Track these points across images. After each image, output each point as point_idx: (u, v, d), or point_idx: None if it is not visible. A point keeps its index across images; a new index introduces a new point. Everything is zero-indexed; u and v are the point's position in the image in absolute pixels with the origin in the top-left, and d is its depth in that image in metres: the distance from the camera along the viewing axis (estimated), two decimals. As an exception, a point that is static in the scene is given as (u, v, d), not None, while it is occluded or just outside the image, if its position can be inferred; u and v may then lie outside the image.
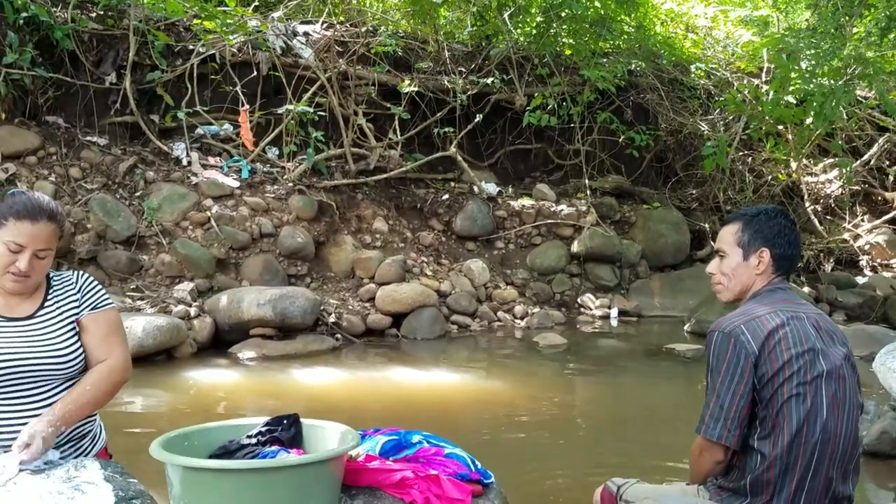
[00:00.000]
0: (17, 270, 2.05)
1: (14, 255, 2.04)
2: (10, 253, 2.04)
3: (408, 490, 1.99)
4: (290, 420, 2.13)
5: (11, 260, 2.04)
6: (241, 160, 8.48)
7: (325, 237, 8.32)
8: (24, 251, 2.04)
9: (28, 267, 2.05)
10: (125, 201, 7.68)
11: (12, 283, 2.08)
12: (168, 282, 7.22)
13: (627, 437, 4.56)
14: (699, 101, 10.97)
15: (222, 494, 1.76)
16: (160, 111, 8.61)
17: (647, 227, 10.27)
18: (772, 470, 1.96)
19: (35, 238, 2.05)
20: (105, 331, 2.21)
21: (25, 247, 2.04)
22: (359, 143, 9.20)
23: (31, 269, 2.06)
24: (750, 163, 11.29)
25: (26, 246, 2.04)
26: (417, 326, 7.54)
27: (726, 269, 2.20)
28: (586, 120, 10.31)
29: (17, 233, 2.04)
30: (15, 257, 2.04)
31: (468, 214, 9.42)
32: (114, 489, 1.88)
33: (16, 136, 7.62)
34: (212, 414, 4.75)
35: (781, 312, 2.04)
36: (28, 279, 2.09)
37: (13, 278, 2.07)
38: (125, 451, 2.46)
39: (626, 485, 2.28)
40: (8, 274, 2.06)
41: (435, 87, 9.52)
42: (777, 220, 2.17)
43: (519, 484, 2.94)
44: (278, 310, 6.59)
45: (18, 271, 2.05)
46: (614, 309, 9.11)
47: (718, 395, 2.01)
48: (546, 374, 6.55)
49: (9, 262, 2.05)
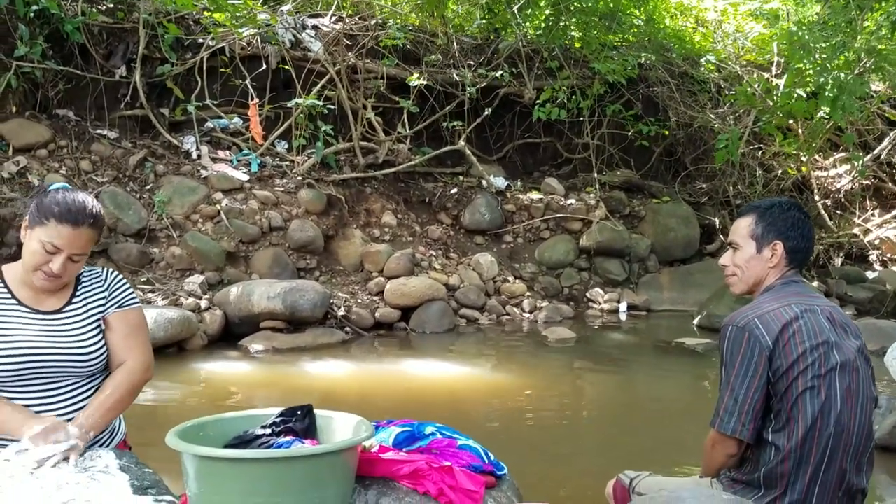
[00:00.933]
0: (50, 272, 2.03)
1: (48, 256, 2.02)
2: (46, 253, 2.02)
3: (421, 481, 1.99)
4: (303, 411, 2.14)
5: (45, 260, 2.02)
6: (250, 153, 8.50)
7: (333, 231, 8.34)
8: (60, 254, 2.02)
9: (61, 269, 2.04)
10: (136, 194, 7.71)
11: (42, 282, 2.07)
12: (178, 275, 7.25)
13: (637, 431, 4.56)
14: (709, 94, 10.92)
15: (238, 484, 1.77)
16: (170, 104, 8.63)
17: (657, 221, 10.24)
18: (786, 463, 1.96)
19: (73, 243, 2.03)
20: (128, 330, 2.21)
21: (62, 250, 2.02)
22: (367, 136, 9.20)
23: (63, 271, 2.05)
24: (760, 157, 11.23)
25: (63, 249, 2.02)
26: (426, 320, 7.55)
27: (739, 262, 2.19)
28: (596, 113, 10.28)
29: (57, 235, 2.01)
30: (49, 258, 2.02)
31: (477, 208, 9.42)
32: (129, 479, 1.90)
33: (27, 128, 7.66)
34: (223, 405, 4.78)
35: (795, 305, 2.04)
36: (58, 280, 2.08)
37: (44, 277, 2.06)
38: (140, 441, 2.47)
39: (639, 477, 2.28)
40: (39, 272, 2.05)
41: (444, 81, 9.51)
42: (791, 213, 2.16)
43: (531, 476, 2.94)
44: (288, 303, 6.61)
45: (51, 272, 2.03)
46: (623, 303, 9.10)
47: (733, 388, 2.00)
48: (555, 368, 6.55)
49: (42, 262, 2.03)
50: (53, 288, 2.12)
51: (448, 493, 1.97)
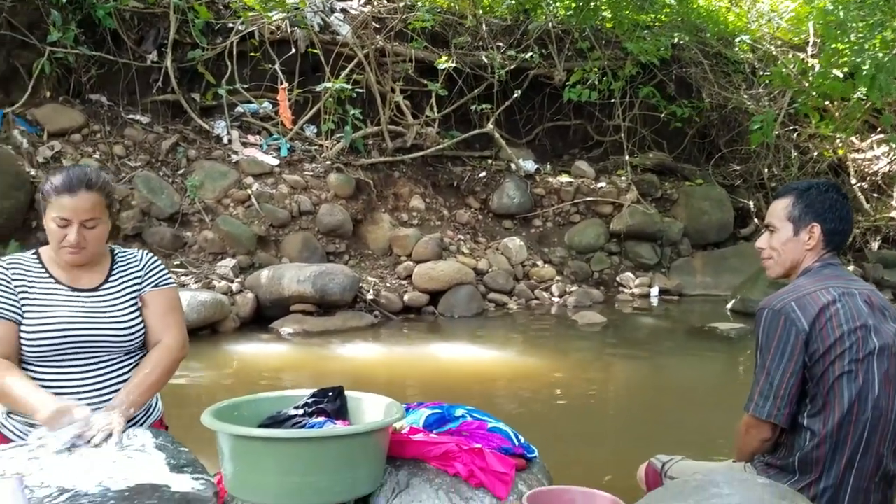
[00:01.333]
0: (69, 243, 2.10)
1: (64, 230, 2.10)
2: (60, 228, 2.10)
3: (451, 462, 2.01)
4: (335, 392, 2.16)
5: (62, 234, 2.10)
6: (280, 138, 8.55)
7: (362, 215, 8.37)
8: (71, 224, 2.10)
9: (77, 238, 2.10)
10: (168, 179, 7.81)
11: (69, 256, 2.14)
12: (211, 258, 7.34)
13: (669, 415, 4.53)
14: (743, 75, 10.72)
15: (272, 462, 1.80)
16: (200, 89, 8.70)
17: (690, 204, 10.11)
18: (821, 448, 1.93)
19: (77, 210, 2.09)
20: (164, 308, 2.26)
21: (70, 220, 2.09)
22: (396, 120, 9.19)
23: (81, 240, 2.11)
24: (795, 139, 11.02)
25: (71, 219, 2.09)
26: (454, 304, 7.56)
27: (776, 244, 2.16)
28: (627, 95, 10.13)
29: (60, 207, 2.09)
30: (64, 231, 2.10)
31: (505, 192, 9.38)
32: (165, 457, 1.93)
33: (61, 113, 7.78)
34: (255, 386, 4.84)
35: (833, 289, 2.00)
36: (83, 250, 2.14)
37: (68, 251, 2.13)
38: (175, 421, 2.51)
39: (671, 461, 2.26)
40: (63, 249, 2.12)
41: (472, 63, 9.45)
42: (829, 195, 2.11)
43: (561, 459, 2.94)
44: (318, 286, 6.66)
45: (69, 244, 2.10)
46: (655, 287, 9.02)
47: (768, 372, 1.98)
48: (585, 352, 6.52)
49: (61, 237, 2.11)
50: (83, 261, 2.17)
51: (478, 475, 1.98)
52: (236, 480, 1.85)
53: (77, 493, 1.68)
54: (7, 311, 2.10)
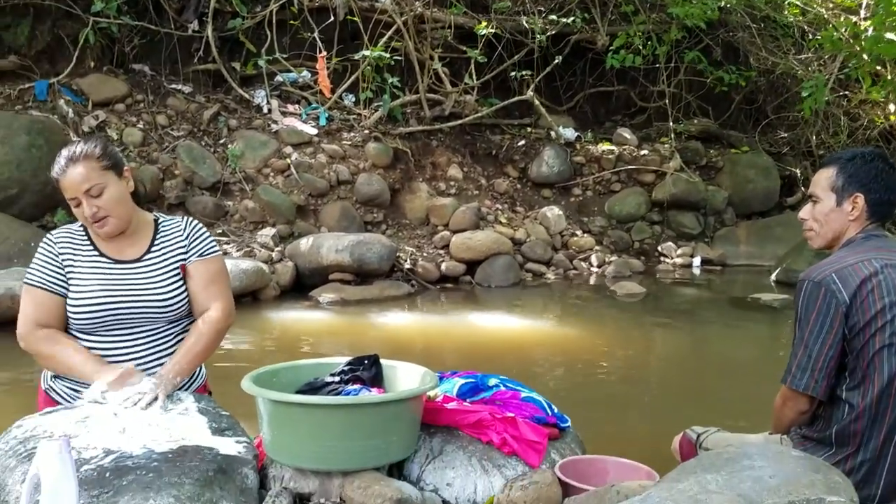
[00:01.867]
0: (88, 218, 2.14)
1: (79, 208, 2.15)
2: (76, 208, 2.16)
3: (485, 431, 2.03)
4: (370, 360, 2.19)
5: (80, 213, 2.16)
6: (318, 107, 8.58)
7: (400, 184, 8.39)
8: (80, 200, 2.14)
9: (92, 210, 2.13)
10: (210, 148, 7.92)
11: (101, 229, 2.18)
12: (251, 227, 7.46)
13: (707, 387, 4.49)
14: (793, 39, 10.36)
15: (309, 427, 1.84)
16: (241, 58, 8.76)
17: (735, 172, 9.90)
18: (859, 421, 1.90)
19: (73, 185, 2.12)
20: (209, 278, 2.29)
21: (76, 196, 2.14)
22: (434, 88, 9.14)
23: (97, 210, 2.14)
24: (845, 105, 10.66)
25: (76, 196, 2.13)
26: (491, 274, 7.57)
27: (819, 215, 2.11)
28: (673, 60, 9.89)
29: (64, 189, 2.15)
30: (80, 209, 2.15)
31: (544, 160, 9.29)
32: (207, 421, 1.99)
33: (105, 83, 7.93)
34: (295, 353, 4.94)
35: (875, 260, 1.95)
36: (106, 219, 2.16)
37: (94, 226, 2.18)
38: (217, 385, 2.58)
39: (707, 433, 2.25)
40: (91, 224, 2.18)
41: (512, 29, 9.31)
42: (874, 164, 2.05)
43: (595, 429, 2.95)
44: (356, 256, 6.72)
45: (90, 218, 2.14)
46: (697, 258, 8.90)
47: (807, 345, 1.95)
48: (623, 323, 6.49)
49: (81, 215, 2.17)
50: (114, 230, 2.20)
51: (511, 443, 2.00)
52: (274, 444, 1.90)
53: (122, 455, 1.75)
54: (54, 285, 2.16)
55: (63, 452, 1.47)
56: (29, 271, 2.19)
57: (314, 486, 1.89)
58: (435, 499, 1.90)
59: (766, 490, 1.42)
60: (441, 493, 1.92)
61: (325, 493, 1.88)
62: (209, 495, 1.64)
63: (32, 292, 2.16)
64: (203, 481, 1.66)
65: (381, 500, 1.75)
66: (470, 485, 1.92)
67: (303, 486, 1.90)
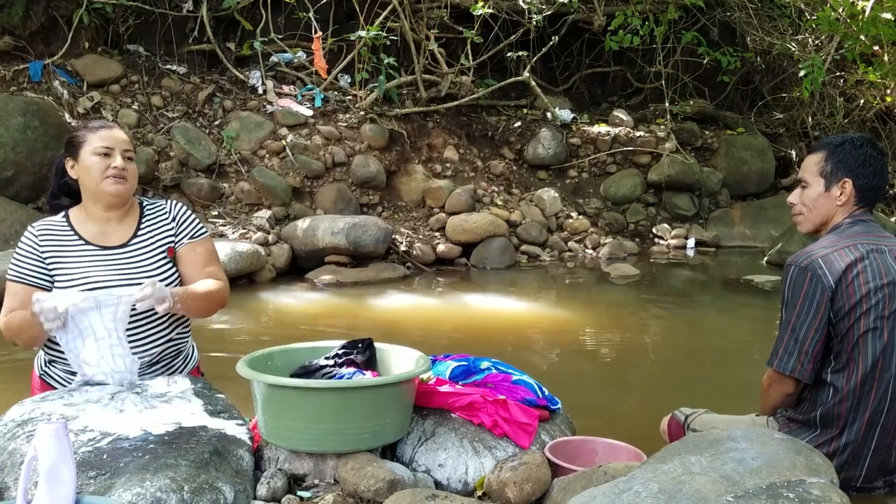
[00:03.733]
0: (117, 168, 2.18)
1: (107, 159, 2.19)
2: (103, 157, 2.19)
3: (476, 413, 2.06)
4: (364, 344, 2.22)
5: (106, 164, 2.19)
6: (314, 88, 8.54)
7: (396, 166, 8.38)
8: (114, 152, 2.20)
9: (122, 163, 2.20)
10: (205, 130, 7.90)
11: (115, 186, 2.20)
12: (247, 209, 7.45)
13: (697, 369, 4.54)
14: (790, 19, 10.31)
15: (303, 411, 1.87)
16: (236, 39, 8.71)
17: (730, 153, 9.90)
18: (843, 403, 1.94)
19: (117, 139, 2.22)
20: (203, 260, 2.32)
21: (114, 147, 2.20)
22: (430, 69, 9.10)
23: (125, 166, 2.21)
24: (841, 86, 10.64)
25: (114, 147, 2.20)
26: (487, 256, 7.59)
27: (807, 200, 2.14)
28: (670, 40, 9.85)
29: (101, 138, 2.20)
30: (108, 161, 2.19)
31: (540, 142, 9.28)
32: (203, 403, 2.03)
33: (99, 64, 7.88)
34: (291, 335, 4.96)
35: (861, 245, 1.98)
36: (125, 182, 2.22)
37: (114, 179, 2.20)
38: (212, 368, 2.61)
39: (695, 414, 2.29)
40: (109, 178, 2.19)
41: (509, 9, 9.25)
42: (863, 150, 2.07)
43: (586, 410, 2.99)
44: (351, 238, 6.74)
45: (118, 168, 2.18)
46: (691, 239, 8.93)
47: (793, 328, 1.98)
48: (617, 305, 6.53)
49: (105, 167, 2.19)
50: (125, 192, 2.24)
51: (502, 425, 2.03)
52: (269, 427, 1.93)
53: (119, 437, 1.78)
54: (34, 278, 2.17)
55: (60, 435, 1.49)
56: (10, 265, 2.20)
57: (309, 467, 1.93)
58: (427, 479, 1.94)
59: (749, 471, 1.46)
60: (433, 474, 1.96)
61: (320, 475, 1.91)
62: (205, 477, 1.67)
63: (12, 287, 2.18)
64: (199, 463, 1.70)
65: (374, 480, 1.78)
66: (461, 466, 1.95)
67: (297, 468, 1.93)
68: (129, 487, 1.58)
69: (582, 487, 1.70)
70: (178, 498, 1.59)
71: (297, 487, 1.89)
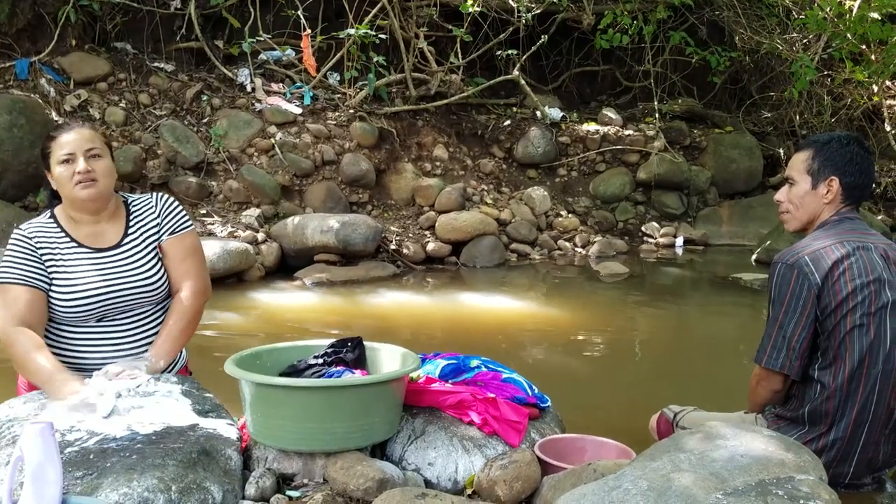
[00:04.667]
0: (81, 172, 2.12)
1: (71, 165, 2.13)
2: (67, 165, 2.13)
3: (466, 411, 2.06)
4: (353, 342, 2.21)
5: (71, 170, 2.13)
6: (303, 86, 8.52)
7: (385, 165, 8.36)
8: (75, 156, 2.14)
9: (86, 166, 2.13)
10: (193, 128, 7.85)
11: (85, 191, 2.14)
12: (236, 207, 7.42)
13: (687, 367, 4.56)
14: (777, 19, 10.38)
15: (292, 410, 1.86)
16: (224, 36, 8.66)
17: (719, 152, 9.94)
18: (831, 400, 1.95)
19: (77, 142, 2.15)
20: (182, 254, 2.28)
21: (74, 152, 2.14)
22: (420, 67, 9.09)
23: (91, 169, 2.14)
24: (829, 85, 10.71)
25: (74, 151, 2.14)
26: (477, 254, 7.59)
27: (794, 198, 2.15)
28: (658, 39, 9.88)
29: (61, 145, 2.15)
30: (73, 167, 2.13)
31: (530, 141, 9.29)
32: (191, 403, 2.01)
33: (86, 62, 7.82)
34: (280, 334, 4.95)
35: (848, 243, 2.00)
36: (95, 182, 2.15)
37: (82, 184, 2.14)
38: (200, 367, 2.60)
39: (684, 412, 2.30)
40: (77, 185, 2.14)
41: (498, 7, 9.25)
42: (849, 148, 2.09)
43: (575, 408, 2.99)
44: (341, 237, 6.72)
45: (82, 172, 2.12)
46: (680, 237, 8.96)
47: (781, 325, 1.99)
48: (606, 303, 6.54)
49: (70, 174, 2.13)
50: (98, 195, 2.17)
51: (492, 423, 2.03)
52: (258, 426, 1.92)
53: (106, 437, 1.76)
54: (34, 279, 2.11)
55: (46, 435, 1.48)
56: (2, 269, 2.12)
57: (298, 466, 1.92)
58: (417, 478, 1.94)
59: (738, 469, 1.47)
60: (423, 473, 1.95)
61: (309, 474, 1.91)
62: (193, 476, 1.66)
63: (12, 291, 2.09)
64: (187, 463, 1.69)
65: (364, 480, 1.78)
66: (451, 464, 1.95)
67: (286, 467, 1.92)
68: (117, 487, 1.57)
69: (572, 485, 1.70)
70: (166, 498, 1.58)
71: (286, 487, 1.88)
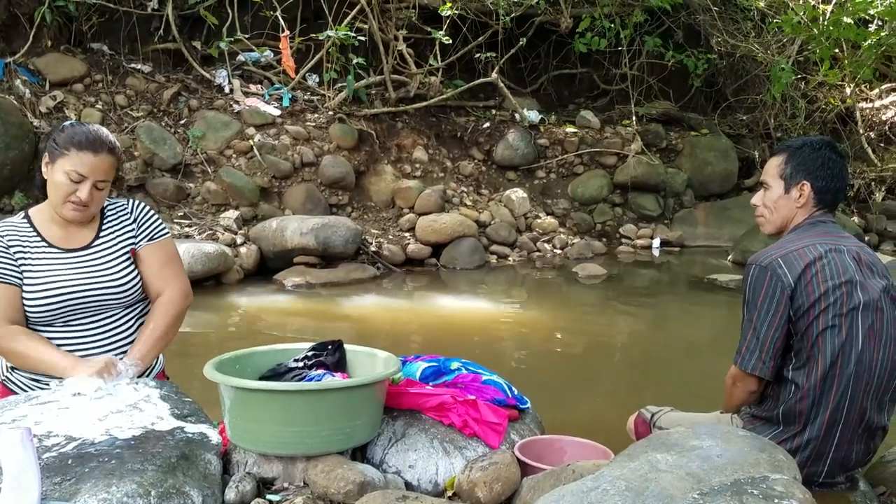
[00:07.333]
0: (78, 200, 2.10)
1: (75, 185, 2.10)
2: (71, 182, 2.10)
3: (447, 413, 2.07)
4: (334, 346, 2.21)
5: (72, 189, 2.10)
6: (282, 88, 8.48)
7: (365, 166, 8.35)
8: (85, 181, 2.10)
9: (88, 197, 2.11)
10: (170, 129, 7.79)
11: (72, 213, 2.14)
12: (214, 210, 7.37)
13: (664, 367, 4.61)
14: (753, 22, 10.52)
15: (273, 414, 1.86)
16: (202, 38, 8.60)
17: (695, 154, 10.06)
18: (805, 400, 1.99)
19: (96, 169, 2.11)
20: (161, 261, 2.28)
21: (87, 177, 2.10)
22: (399, 69, 9.09)
23: (90, 199, 2.13)
24: (803, 88, 10.87)
25: (88, 176, 2.10)
26: (457, 256, 7.61)
27: (769, 202, 2.18)
28: (635, 42, 9.97)
29: (80, 163, 2.09)
30: (76, 187, 2.10)
31: (509, 143, 9.33)
32: (170, 407, 2.00)
33: (62, 63, 7.74)
34: (260, 337, 4.93)
35: (820, 245, 2.03)
36: (87, 209, 2.16)
37: (73, 207, 2.13)
38: (179, 371, 2.58)
39: (660, 412, 2.33)
40: (68, 203, 2.12)
41: (477, 10, 9.29)
42: (822, 153, 2.12)
43: (554, 409, 3.02)
44: (321, 239, 6.70)
45: (79, 201, 2.10)
46: (656, 239, 9.05)
47: (755, 327, 2.02)
48: (584, 305, 6.59)
49: (69, 192, 2.10)
50: (83, 218, 2.18)
51: (472, 425, 2.04)
52: (238, 430, 1.91)
53: (84, 442, 1.75)
54: (9, 276, 2.12)
55: (25, 440, 1.47)
56: None
57: (278, 470, 1.92)
58: (397, 481, 1.94)
59: (714, 469, 1.49)
60: (403, 475, 1.96)
61: (289, 478, 1.91)
62: (172, 481, 1.65)
63: None
64: (166, 467, 1.68)
65: (345, 483, 1.78)
66: (432, 466, 1.96)
67: (266, 471, 1.92)
68: (95, 493, 1.56)
69: (551, 486, 1.72)
70: (146, 503, 1.57)
71: (266, 491, 1.88)
